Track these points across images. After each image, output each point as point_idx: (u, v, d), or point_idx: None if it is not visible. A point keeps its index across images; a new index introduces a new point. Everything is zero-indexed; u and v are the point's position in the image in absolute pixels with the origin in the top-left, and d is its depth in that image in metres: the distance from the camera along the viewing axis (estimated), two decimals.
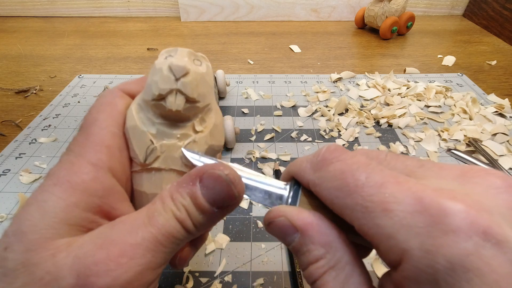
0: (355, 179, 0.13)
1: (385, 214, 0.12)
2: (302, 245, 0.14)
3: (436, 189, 0.11)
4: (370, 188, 0.12)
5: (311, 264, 0.14)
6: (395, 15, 0.71)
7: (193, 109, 0.16)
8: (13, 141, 0.43)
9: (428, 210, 0.11)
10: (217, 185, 0.15)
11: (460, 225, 0.10)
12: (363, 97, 0.51)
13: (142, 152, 0.16)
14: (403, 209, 0.11)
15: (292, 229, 0.15)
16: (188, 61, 0.16)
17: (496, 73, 0.59)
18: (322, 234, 0.14)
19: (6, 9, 0.86)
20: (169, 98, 0.15)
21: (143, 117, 0.16)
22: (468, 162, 0.38)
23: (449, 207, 0.10)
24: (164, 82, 0.15)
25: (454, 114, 0.46)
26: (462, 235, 0.10)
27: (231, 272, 0.28)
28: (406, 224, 0.11)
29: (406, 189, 0.12)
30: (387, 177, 0.12)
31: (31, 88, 0.54)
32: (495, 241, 0.10)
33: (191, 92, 0.16)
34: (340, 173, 0.14)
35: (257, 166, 0.39)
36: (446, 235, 0.10)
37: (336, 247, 0.14)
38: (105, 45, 0.71)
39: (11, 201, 0.34)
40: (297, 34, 0.77)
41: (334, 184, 0.14)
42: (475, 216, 0.10)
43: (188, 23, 0.84)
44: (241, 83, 0.56)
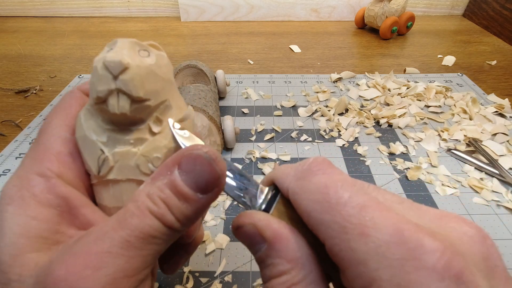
0: (337, 196, 0.12)
1: (362, 238, 0.11)
2: (268, 257, 0.14)
3: (416, 224, 0.11)
4: (351, 208, 0.12)
5: (273, 278, 0.13)
6: (395, 15, 0.71)
7: (143, 109, 0.14)
8: (13, 141, 0.43)
9: (406, 243, 0.10)
10: (197, 165, 0.13)
11: (436, 264, 0.10)
12: (363, 97, 0.51)
13: (94, 164, 0.15)
14: (380, 237, 0.11)
15: (259, 238, 0.14)
16: (127, 53, 0.13)
17: (496, 73, 0.59)
18: (290, 249, 0.13)
19: (6, 9, 0.86)
20: (110, 100, 0.13)
21: (93, 124, 0.14)
22: (468, 162, 0.38)
23: (428, 244, 0.10)
24: (101, 82, 0.13)
25: (454, 114, 0.46)
26: (435, 275, 0.10)
27: (231, 272, 0.28)
28: (381, 253, 0.11)
29: (387, 217, 0.11)
30: (370, 202, 0.12)
31: (31, 88, 0.54)
32: (465, 287, 0.10)
33: (135, 90, 0.13)
34: (324, 186, 0.13)
35: (257, 166, 0.39)
36: (419, 271, 0.10)
37: (303, 264, 0.13)
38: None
39: None
40: (297, 34, 0.77)
41: (315, 196, 0.13)
42: (451, 258, 0.10)
43: (188, 23, 0.84)
44: (241, 83, 0.56)
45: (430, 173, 0.37)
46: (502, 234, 0.31)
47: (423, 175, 0.37)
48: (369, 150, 0.41)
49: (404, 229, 0.11)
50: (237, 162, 0.39)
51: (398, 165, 0.39)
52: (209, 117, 0.37)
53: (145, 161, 0.14)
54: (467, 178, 0.37)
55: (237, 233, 0.15)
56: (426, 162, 0.39)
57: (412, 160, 0.39)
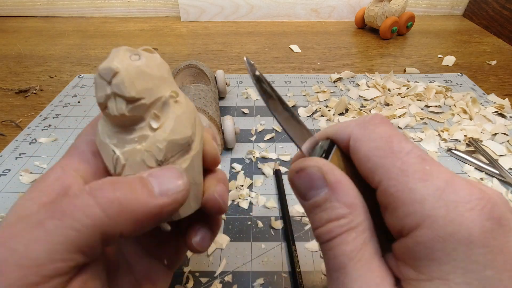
0: (401, 146, 0.14)
1: (421, 181, 0.13)
2: (327, 201, 0.14)
3: (465, 178, 0.13)
4: (413, 157, 0.13)
5: (331, 221, 0.14)
6: (395, 15, 0.71)
7: (140, 108, 0.15)
8: (13, 141, 0.43)
9: (459, 191, 0.12)
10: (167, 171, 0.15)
11: (483, 208, 0.12)
12: (363, 97, 0.51)
13: (111, 164, 0.16)
14: (438, 183, 0.13)
15: (322, 182, 0.15)
16: (117, 60, 0.14)
17: (496, 73, 0.59)
18: (350, 195, 0.14)
19: (6, 9, 0.86)
20: (109, 104, 0.15)
21: (107, 130, 0.16)
22: (468, 162, 0.38)
23: (476, 194, 0.12)
24: (99, 89, 0.15)
25: (454, 114, 0.46)
26: (483, 215, 0.12)
27: (231, 272, 0.28)
28: (438, 195, 0.12)
29: (442, 170, 0.13)
30: (427, 156, 0.14)
31: (31, 88, 0.54)
32: (506, 229, 0.12)
33: (127, 91, 0.14)
34: (387, 135, 0.14)
35: (257, 166, 0.39)
36: (471, 211, 0.12)
37: (360, 211, 0.14)
38: (105, 45, 0.71)
39: (11, 201, 0.34)
40: (297, 34, 0.77)
41: (378, 143, 0.14)
42: (493, 205, 0.12)
43: (188, 23, 0.84)
44: (241, 83, 0.56)
45: None
46: None
47: None
48: None
49: (458, 181, 0.13)
50: (237, 162, 0.39)
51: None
52: (209, 117, 0.37)
53: (149, 156, 0.16)
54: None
55: (298, 176, 0.16)
56: None
57: None
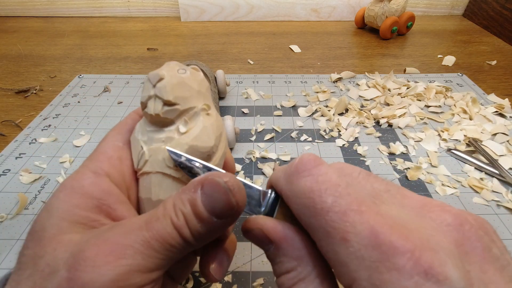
0: (322, 201, 0.13)
1: (343, 243, 0.12)
2: (276, 256, 0.15)
3: (392, 225, 0.12)
4: (334, 214, 0.13)
5: (283, 274, 0.15)
6: (395, 15, 0.71)
7: (173, 112, 0.17)
8: (13, 141, 0.43)
9: (380, 246, 0.11)
10: (215, 192, 0.15)
11: (405, 264, 0.11)
12: (363, 97, 0.51)
13: (136, 158, 0.18)
14: (359, 241, 0.12)
15: (267, 240, 0.16)
16: (166, 69, 0.17)
17: (496, 73, 0.59)
18: (295, 248, 0.15)
19: (6, 9, 0.86)
20: (148, 104, 0.17)
21: (140, 128, 0.18)
22: (468, 162, 0.38)
23: (399, 247, 0.11)
24: (145, 90, 0.17)
25: (454, 114, 0.46)
26: (405, 274, 0.11)
27: (231, 272, 0.28)
28: (360, 256, 0.12)
29: (366, 221, 0.12)
30: (351, 204, 0.13)
31: (31, 88, 0.54)
32: (436, 280, 0.10)
33: (166, 95, 0.16)
34: (309, 191, 0.14)
35: (257, 166, 0.39)
36: (391, 272, 0.11)
37: (308, 261, 0.14)
38: (105, 45, 0.71)
39: (11, 201, 0.34)
40: (297, 34, 0.77)
41: (302, 201, 0.14)
42: (420, 256, 0.11)
43: (188, 23, 0.84)
44: (241, 83, 0.56)
45: (430, 173, 0.37)
46: (502, 234, 0.31)
47: (423, 175, 0.37)
48: (369, 150, 0.41)
49: (379, 233, 0.12)
50: (237, 162, 0.39)
51: (398, 165, 0.39)
52: None
53: (170, 156, 0.17)
54: (467, 178, 0.37)
55: (247, 236, 0.17)
56: (426, 162, 0.39)
57: (412, 160, 0.39)
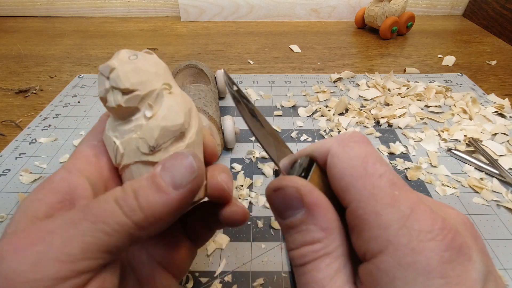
0: (375, 168, 0.14)
1: (389, 207, 0.13)
2: (303, 223, 0.14)
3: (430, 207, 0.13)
4: (385, 181, 0.13)
5: (306, 245, 0.14)
6: (395, 15, 0.71)
7: (134, 99, 0.16)
8: (13, 141, 0.43)
9: (423, 220, 0.12)
10: (177, 161, 0.15)
11: (444, 238, 0.12)
12: (363, 97, 0.51)
13: (112, 155, 0.18)
14: (404, 210, 0.12)
15: (299, 203, 0.14)
16: (116, 59, 0.16)
17: (496, 73, 0.59)
18: (327, 218, 0.14)
19: (6, 9, 0.86)
20: (108, 97, 0.16)
21: (112, 126, 0.18)
22: (468, 162, 0.38)
23: (439, 224, 0.12)
24: (100, 85, 0.16)
25: (454, 114, 0.46)
26: (443, 246, 0.12)
27: (231, 272, 0.28)
28: (402, 223, 0.12)
29: (410, 196, 0.13)
30: (398, 180, 0.14)
31: (31, 88, 0.54)
32: (465, 258, 0.12)
33: (122, 83, 0.16)
34: (363, 155, 0.14)
35: (257, 166, 0.39)
36: (431, 242, 0.12)
37: (336, 236, 0.14)
38: (105, 45, 0.71)
39: (11, 201, 0.34)
40: (297, 34, 0.77)
41: (354, 162, 0.14)
42: (454, 235, 0.12)
43: (188, 23, 0.84)
44: (241, 83, 0.56)
45: (430, 173, 0.37)
46: (502, 234, 0.31)
47: (423, 175, 0.37)
48: None
49: (423, 209, 0.13)
50: (237, 162, 0.39)
51: (398, 165, 0.39)
52: (209, 117, 0.37)
53: (143, 142, 0.17)
54: (467, 178, 0.37)
55: (275, 195, 0.15)
56: (426, 162, 0.39)
57: (412, 160, 0.39)
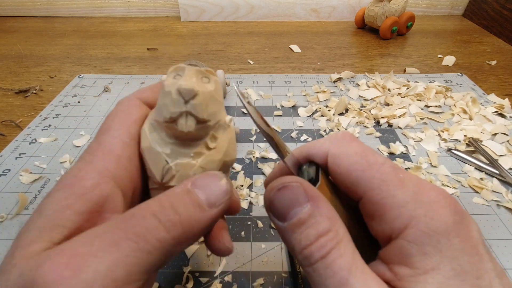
0: (375, 159, 0.16)
1: (400, 188, 0.15)
2: (311, 216, 0.14)
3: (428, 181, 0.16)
4: (388, 167, 0.16)
5: (322, 236, 0.14)
6: (395, 15, 0.71)
7: (204, 129, 0.16)
8: (13, 141, 0.43)
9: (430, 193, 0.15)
10: (212, 182, 0.15)
11: (450, 205, 0.14)
12: (363, 97, 0.51)
13: (159, 172, 0.17)
14: (413, 187, 0.15)
15: (304, 198, 0.15)
16: (196, 81, 0.16)
17: (496, 73, 0.59)
18: (330, 208, 0.15)
19: (6, 9, 0.86)
20: (180, 120, 0.15)
21: (156, 137, 0.17)
22: (468, 162, 0.38)
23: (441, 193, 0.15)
24: (174, 105, 0.15)
25: (454, 114, 0.46)
26: (452, 212, 0.14)
27: (231, 272, 0.28)
28: (416, 198, 0.14)
29: (411, 176, 0.15)
30: (397, 166, 0.16)
31: (31, 88, 0.54)
32: (467, 221, 0.14)
33: (201, 113, 0.16)
34: (362, 151, 0.16)
35: (257, 166, 0.39)
36: (442, 209, 0.14)
37: (340, 224, 0.15)
38: (105, 45, 0.71)
39: (11, 201, 0.34)
40: (297, 34, 0.77)
41: (355, 158, 0.16)
42: (455, 202, 0.15)
43: (188, 23, 0.84)
44: (241, 83, 0.56)
45: (430, 173, 0.37)
46: (502, 234, 0.31)
47: (423, 175, 0.37)
48: None
49: (425, 184, 0.15)
50: (237, 162, 0.39)
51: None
52: None
53: (202, 171, 0.17)
54: (467, 178, 0.37)
55: (280, 193, 0.15)
56: (426, 162, 0.39)
57: (412, 160, 0.39)
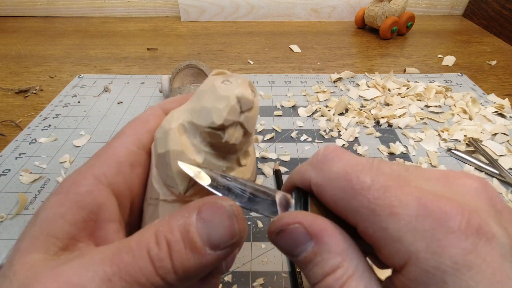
0: (360, 182, 0.13)
1: (392, 217, 0.12)
2: (316, 254, 0.13)
3: (434, 193, 0.12)
4: (376, 191, 0.12)
5: (328, 275, 0.13)
6: (395, 15, 0.71)
7: (245, 143, 0.15)
8: (13, 141, 0.43)
9: (431, 214, 0.11)
10: (217, 216, 0.12)
11: (460, 226, 0.11)
12: (363, 97, 0.51)
13: (184, 182, 0.15)
14: (408, 213, 0.12)
15: (306, 237, 0.13)
16: (251, 93, 0.15)
17: (496, 73, 0.59)
18: (339, 241, 0.13)
19: (6, 9, 0.86)
20: (229, 130, 0.14)
21: (188, 142, 0.15)
22: (468, 162, 0.38)
23: (449, 210, 0.11)
24: (230, 113, 0.14)
25: (454, 114, 0.46)
26: (461, 236, 0.11)
27: (231, 272, 0.28)
28: (412, 228, 0.11)
29: (409, 193, 0.12)
30: (390, 181, 0.13)
31: (31, 88, 0.54)
32: (486, 238, 0.11)
33: (251, 126, 0.15)
34: (344, 173, 0.13)
35: (257, 166, 0.39)
36: (448, 236, 0.11)
37: (352, 254, 0.13)
38: (105, 45, 0.71)
39: (11, 201, 0.34)
40: (297, 34, 0.77)
41: (339, 185, 0.13)
42: (469, 217, 0.11)
43: (188, 23, 0.84)
44: None
45: None
46: None
47: None
48: (369, 150, 0.41)
49: (427, 201, 0.12)
50: None
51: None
52: None
53: None
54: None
55: (279, 237, 0.14)
56: (426, 162, 0.39)
57: (412, 160, 0.39)
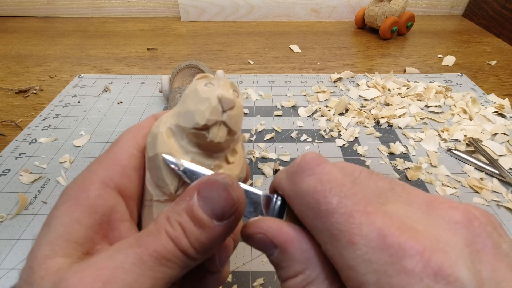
0: (326, 202, 0.13)
1: (350, 246, 0.12)
2: (281, 260, 0.14)
3: (399, 226, 0.12)
4: (339, 215, 0.12)
5: (290, 278, 0.14)
6: (395, 15, 0.71)
7: (229, 141, 0.16)
8: (13, 141, 0.43)
9: (389, 249, 0.11)
10: (213, 191, 0.14)
11: (414, 267, 0.11)
12: (363, 97, 0.51)
13: (174, 182, 0.15)
14: (366, 243, 0.12)
15: (271, 245, 0.15)
16: (232, 93, 0.15)
17: (496, 73, 0.59)
18: (303, 250, 0.14)
19: (6, 9, 0.86)
20: (213, 129, 0.15)
21: (175, 144, 0.16)
22: (468, 162, 0.38)
23: (407, 249, 0.11)
24: (212, 113, 0.15)
25: (454, 114, 0.46)
26: (414, 277, 0.10)
27: (231, 272, 0.28)
28: (367, 259, 0.11)
29: (373, 222, 0.12)
30: (357, 205, 0.12)
31: (31, 88, 0.54)
32: (446, 282, 0.10)
33: (234, 125, 0.15)
34: (313, 191, 0.13)
35: (257, 166, 0.39)
36: (400, 275, 0.11)
37: (316, 263, 0.14)
38: (105, 45, 0.71)
39: (11, 201, 0.34)
40: (297, 34, 0.77)
41: (306, 202, 0.14)
42: (429, 257, 0.11)
43: (188, 23, 0.84)
44: (241, 83, 0.56)
45: (430, 173, 0.37)
46: None
47: (423, 175, 0.37)
48: (369, 150, 0.41)
49: (387, 235, 0.11)
50: None
51: (398, 165, 0.39)
52: None
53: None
54: (467, 178, 0.37)
55: (248, 242, 0.16)
56: (426, 162, 0.39)
57: (412, 160, 0.39)
